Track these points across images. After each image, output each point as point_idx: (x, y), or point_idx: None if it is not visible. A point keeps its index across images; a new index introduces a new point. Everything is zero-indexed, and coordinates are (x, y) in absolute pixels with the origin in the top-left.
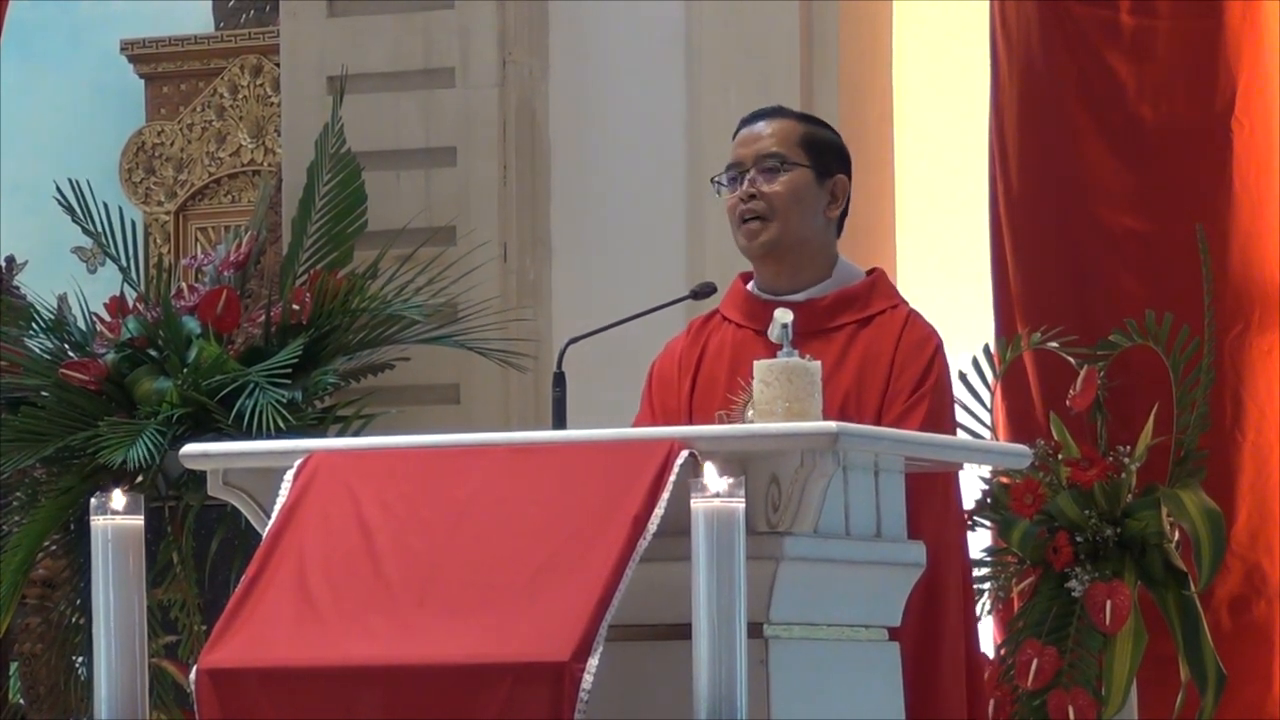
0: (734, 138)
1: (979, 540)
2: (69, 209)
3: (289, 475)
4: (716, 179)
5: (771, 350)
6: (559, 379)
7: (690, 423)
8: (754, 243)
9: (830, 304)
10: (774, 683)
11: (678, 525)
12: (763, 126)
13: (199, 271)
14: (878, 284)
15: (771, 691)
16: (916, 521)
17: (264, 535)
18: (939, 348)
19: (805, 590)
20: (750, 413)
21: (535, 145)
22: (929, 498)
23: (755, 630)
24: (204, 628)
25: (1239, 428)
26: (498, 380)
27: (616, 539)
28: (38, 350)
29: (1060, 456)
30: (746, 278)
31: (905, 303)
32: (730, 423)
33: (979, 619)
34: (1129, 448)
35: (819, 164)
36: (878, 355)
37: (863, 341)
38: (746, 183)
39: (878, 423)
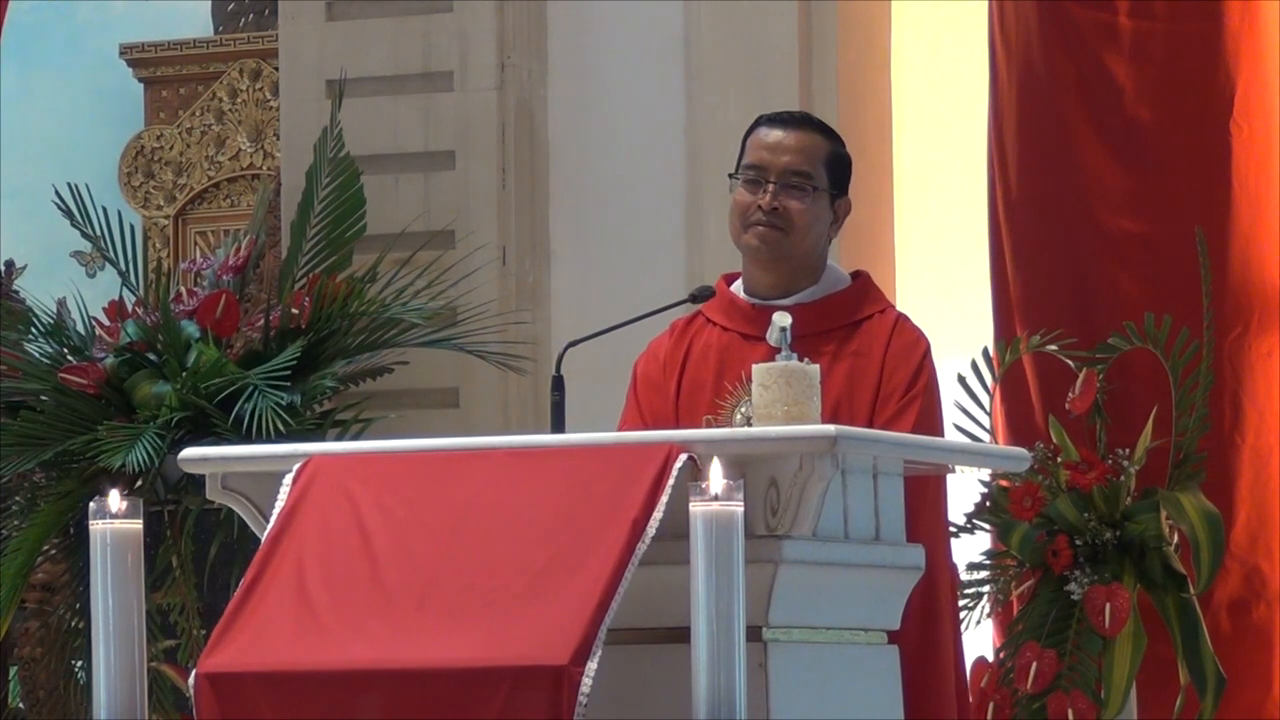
0: (753, 132)
1: (978, 544)
2: (68, 213)
3: (288, 479)
4: (735, 175)
5: (759, 353)
6: (558, 382)
7: (677, 426)
8: (765, 248)
9: (820, 308)
10: (773, 686)
11: (676, 529)
12: (793, 138)
13: (198, 275)
14: (865, 288)
15: (770, 695)
16: (913, 526)
17: (263, 539)
18: (928, 351)
19: (804, 593)
20: (738, 416)
21: (534, 148)
22: (922, 502)
23: (754, 634)
24: (203, 631)
25: (1238, 430)
26: (497, 384)
27: (615, 542)
28: (37, 354)
29: (1059, 459)
30: (730, 279)
31: (893, 306)
32: (718, 426)
33: (979, 622)
34: (1128, 451)
35: (835, 186)
36: (868, 358)
37: (853, 344)
38: (770, 194)
39: (870, 424)
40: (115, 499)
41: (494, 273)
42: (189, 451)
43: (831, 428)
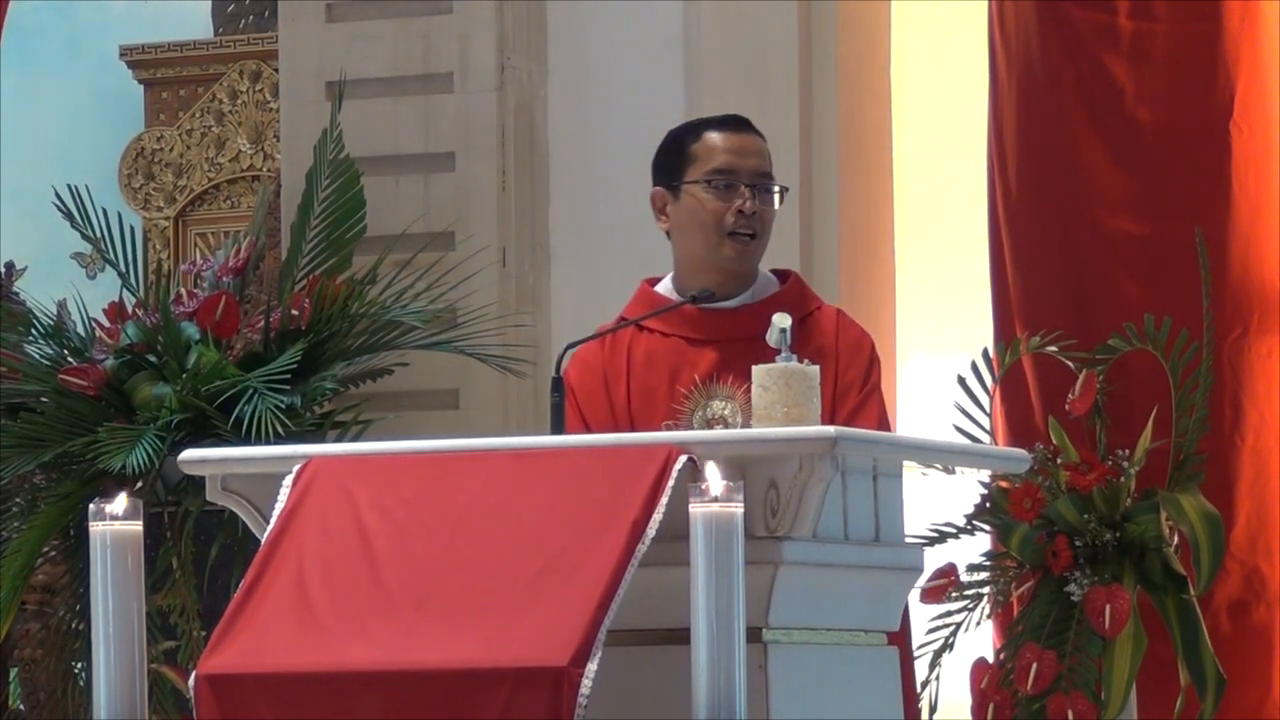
0: (700, 138)
1: (978, 545)
2: (68, 215)
3: (288, 480)
4: (678, 185)
5: (708, 358)
6: (557, 384)
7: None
8: (740, 260)
9: (764, 310)
10: (773, 687)
11: (676, 530)
12: (751, 141)
13: (198, 277)
14: (800, 286)
15: (770, 696)
16: None
17: (263, 540)
18: (874, 345)
19: (804, 595)
20: (697, 419)
21: (534, 150)
22: None
23: (754, 635)
24: (203, 633)
25: (1238, 431)
26: (496, 385)
27: (615, 543)
28: (37, 356)
29: (1059, 461)
30: (653, 282)
31: (826, 303)
32: (679, 430)
33: (978, 623)
34: (1128, 452)
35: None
36: (818, 354)
37: (801, 343)
38: (750, 199)
39: (833, 419)
40: (121, 501)
41: (494, 274)
42: (189, 453)
43: (831, 429)
